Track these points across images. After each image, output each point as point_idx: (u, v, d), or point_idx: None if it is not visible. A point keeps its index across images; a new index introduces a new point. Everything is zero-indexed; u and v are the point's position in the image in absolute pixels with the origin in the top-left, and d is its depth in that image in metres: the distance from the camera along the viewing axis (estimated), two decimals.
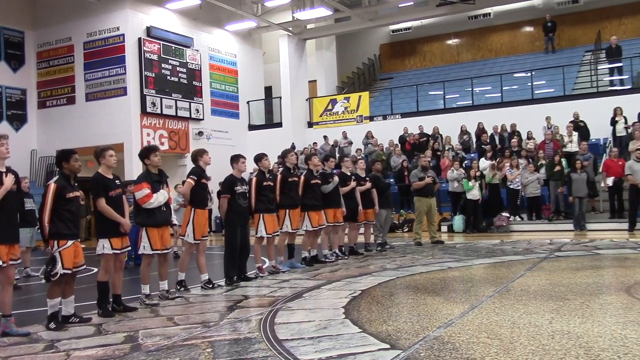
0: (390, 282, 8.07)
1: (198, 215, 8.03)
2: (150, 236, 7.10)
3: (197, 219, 8.01)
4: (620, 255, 10.25)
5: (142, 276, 7.26)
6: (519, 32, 28.76)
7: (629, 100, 18.92)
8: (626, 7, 26.04)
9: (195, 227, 7.98)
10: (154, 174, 7.33)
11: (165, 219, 7.30)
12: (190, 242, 8.05)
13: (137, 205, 7.15)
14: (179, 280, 8.03)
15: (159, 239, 7.16)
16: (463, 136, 20.98)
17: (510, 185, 16.64)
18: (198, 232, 7.99)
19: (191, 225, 7.97)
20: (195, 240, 8.00)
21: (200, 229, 8.03)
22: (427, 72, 29.13)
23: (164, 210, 7.25)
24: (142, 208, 7.10)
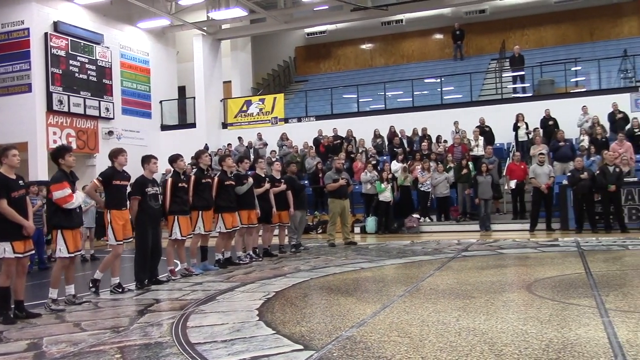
0: (304, 284, 8.12)
1: (115, 217, 7.82)
2: (67, 238, 6.86)
3: (114, 221, 7.80)
4: (522, 254, 10.75)
5: (53, 279, 7.00)
6: (430, 39, 29.64)
7: (530, 107, 19.91)
8: (528, 19, 27.41)
9: (115, 228, 7.78)
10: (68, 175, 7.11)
11: (80, 221, 7.22)
12: (113, 244, 7.87)
13: (54, 205, 6.90)
14: (94, 279, 7.82)
15: (73, 242, 6.95)
16: (376, 139, 21.38)
17: (421, 188, 17.10)
18: (119, 234, 7.81)
19: (110, 227, 7.79)
20: (118, 241, 7.81)
21: (120, 230, 7.82)
22: (342, 75, 29.50)
23: (77, 212, 7.09)
24: (59, 209, 6.85)
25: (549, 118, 19.06)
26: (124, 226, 7.92)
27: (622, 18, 26.03)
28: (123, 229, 7.89)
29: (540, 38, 27.50)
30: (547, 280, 7.51)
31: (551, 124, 18.88)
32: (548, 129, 18.62)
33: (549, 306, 5.87)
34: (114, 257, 7.96)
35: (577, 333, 4.68)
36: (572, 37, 26.86)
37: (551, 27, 27.47)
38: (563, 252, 10.73)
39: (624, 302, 5.92)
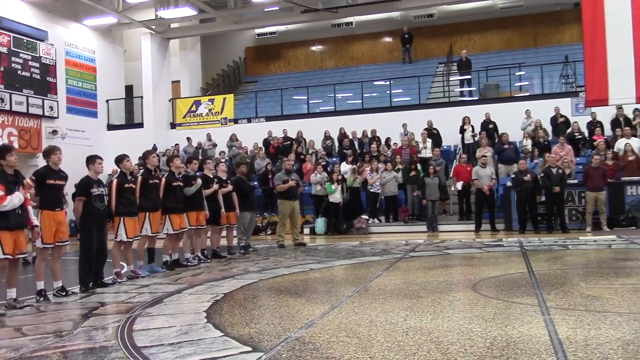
0: (253, 285, 8.09)
1: (45, 218, 7.54)
2: (2, 240, 6.63)
3: (44, 222, 7.52)
4: (467, 254, 10.97)
5: None
6: (379, 42, 29.97)
7: (476, 110, 20.34)
8: (475, 24, 28.02)
9: (43, 230, 7.49)
10: (9, 175, 6.86)
11: (19, 222, 6.87)
12: (39, 247, 7.58)
13: None
14: (39, 290, 7.51)
15: (11, 243, 6.70)
16: (326, 141, 21.48)
17: (371, 189, 17.24)
18: (47, 236, 7.49)
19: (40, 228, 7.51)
20: (44, 244, 7.52)
21: (50, 232, 7.54)
22: (292, 76, 29.53)
23: (18, 213, 6.80)
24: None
25: (489, 121, 19.54)
26: (57, 228, 7.62)
27: (564, 25, 26.87)
28: (56, 232, 7.60)
29: (486, 43, 28.15)
30: (492, 280, 7.69)
31: (491, 127, 19.36)
32: (489, 132, 19.07)
33: (493, 305, 6.01)
34: (40, 262, 7.66)
35: (520, 331, 4.81)
36: (517, 42, 27.60)
37: (497, 32, 28.16)
38: (507, 252, 11.00)
39: (564, 300, 6.11)
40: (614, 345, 4.29)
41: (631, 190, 15.09)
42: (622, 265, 8.93)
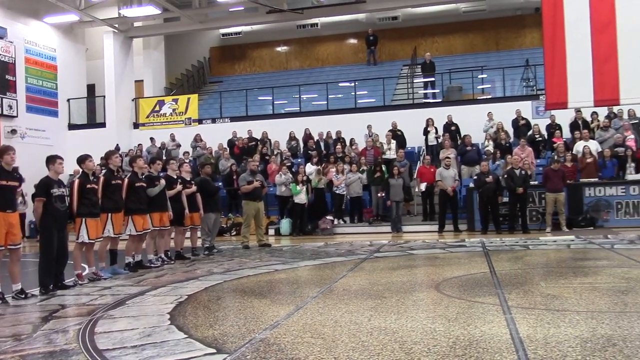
0: (218, 286, 8.04)
1: None
2: None
3: None
4: (431, 254, 11.09)
5: None
6: (344, 44, 30.09)
7: (439, 112, 20.57)
8: (439, 27, 28.35)
9: None
10: None
11: None
12: None
13: None
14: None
15: None
16: (291, 141, 21.47)
17: (337, 191, 17.22)
18: None
19: None
20: None
21: (1, 234, 7.25)
22: (257, 77, 29.45)
23: None
24: None
25: (452, 123, 19.81)
26: (9, 230, 7.37)
27: (525, 29, 27.37)
28: (7, 234, 7.36)
29: (450, 46, 28.50)
30: (455, 280, 7.79)
31: (453, 129, 19.63)
32: (451, 133, 19.32)
33: (456, 304, 6.09)
34: None
35: (482, 330, 4.88)
36: (480, 46, 28.02)
37: (460, 35, 28.53)
38: (469, 252, 11.15)
39: (525, 300, 6.23)
40: (573, 343, 4.39)
41: (589, 191, 15.46)
42: (581, 265, 9.14)
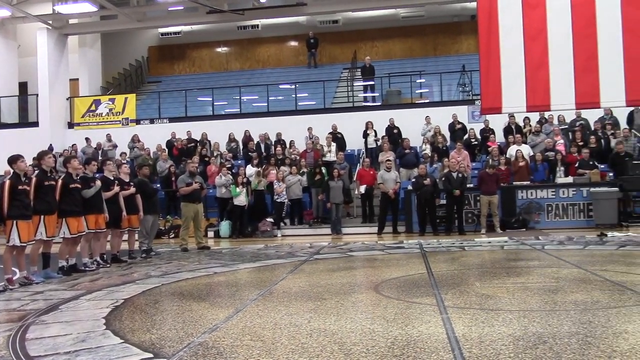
0: (155, 290, 7.91)
1: None
2: None
3: None
4: (370, 256, 11.21)
5: None
6: (285, 46, 30.09)
7: (379, 115, 20.86)
8: (378, 32, 28.71)
9: None
10: None
11: None
12: None
13: None
14: None
15: None
16: (231, 143, 21.33)
17: (277, 199, 17.04)
18: None
19: None
20: None
21: None
22: (197, 77, 29.11)
23: None
24: None
25: (394, 127, 20.12)
26: None
27: (462, 36, 28.03)
28: None
29: (389, 50, 28.91)
30: (393, 281, 7.90)
31: (395, 132, 19.94)
32: (393, 137, 19.62)
33: (395, 305, 6.18)
34: None
35: (419, 330, 4.97)
36: (418, 51, 28.52)
37: (399, 40, 28.97)
38: (407, 253, 11.34)
39: (461, 300, 6.38)
40: (506, 341, 4.53)
41: (522, 194, 15.96)
42: (514, 265, 9.43)
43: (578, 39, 10.15)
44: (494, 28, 10.32)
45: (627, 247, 11.06)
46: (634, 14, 9.95)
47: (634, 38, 9.97)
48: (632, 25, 10.00)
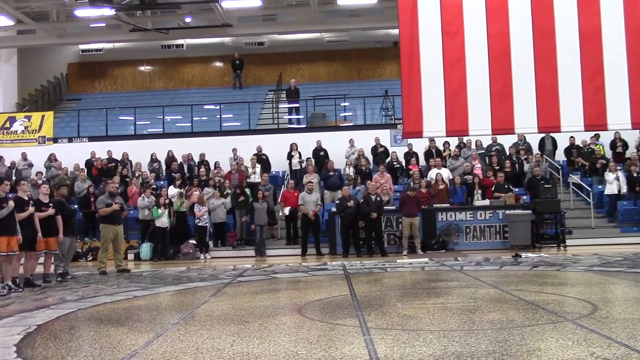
0: (71, 315, 7.61)
1: None
2: None
3: None
4: (294, 278, 11.21)
5: None
6: (210, 66, 29.96)
7: (303, 137, 21.04)
8: (304, 55, 29.07)
9: None
10: None
11: None
12: None
13: None
14: None
15: None
16: (153, 163, 20.93)
17: (199, 223, 16.75)
18: None
19: None
20: None
21: None
22: (118, 96, 28.51)
23: None
24: None
25: (320, 149, 20.32)
26: None
27: (385, 61, 28.73)
28: None
29: (314, 73, 29.28)
30: (317, 303, 7.93)
31: (322, 154, 20.14)
32: (319, 159, 19.81)
33: (318, 327, 6.21)
34: None
35: (342, 351, 5.01)
36: (342, 75, 29.03)
37: (324, 64, 29.41)
38: (331, 275, 11.41)
39: (383, 321, 6.47)
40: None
41: (441, 216, 16.40)
42: (434, 286, 9.66)
43: (494, 67, 10.58)
44: (415, 55, 10.62)
45: (539, 267, 11.53)
46: (544, 45, 10.48)
47: (545, 68, 10.49)
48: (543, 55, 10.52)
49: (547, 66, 10.51)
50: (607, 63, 10.39)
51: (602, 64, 10.39)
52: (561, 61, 10.44)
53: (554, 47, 10.44)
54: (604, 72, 10.41)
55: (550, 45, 10.46)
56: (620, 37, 10.39)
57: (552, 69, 10.48)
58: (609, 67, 10.38)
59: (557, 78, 10.48)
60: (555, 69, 10.46)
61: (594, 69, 10.35)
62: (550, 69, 10.50)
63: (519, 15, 10.54)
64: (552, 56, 10.44)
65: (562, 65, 10.44)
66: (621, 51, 10.39)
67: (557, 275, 10.33)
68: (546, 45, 10.52)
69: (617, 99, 10.37)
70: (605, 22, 10.40)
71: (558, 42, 10.47)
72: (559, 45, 10.46)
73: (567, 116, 10.47)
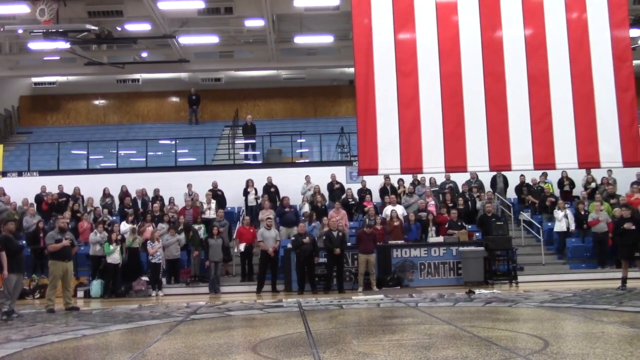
0: (16, 355, 7.35)
1: None
2: None
3: None
4: (249, 315, 11.08)
5: None
6: (166, 101, 29.83)
7: (259, 173, 21.01)
8: (261, 91, 29.26)
9: None
10: None
11: None
12: None
13: None
14: None
15: None
16: (105, 199, 20.56)
17: (152, 260, 16.43)
18: None
19: None
20: None
21: None
22: (71, 130, 28.06)
23: None
24: None
25: (271, 185, 20.34)
26: None
27: (341, 99, 29.10)
28: None
29: (271, 110, 29.46)
30: (272, 340, 7.85)
31: (273, 190, 20.15)
32: (270, 195, 19.79)
33: None
34: None
35: None
36: (299, 111, 29.28)
37: (281, 100, 29.63)
38: (286, 312, 11.32)
39: (338, 358, 6.44)
40: None
41: (396, 252, 16.52)
42: (389, 323, 9.68)
43: (447, 107, 10.85)
44: (370, 93, 10.81)
45: (492, 303, 11.69)
46: (495, 87, 10.84)
47: (496, 108, 10.82)
48: (493, 96, 10.86)
49: (497, 107, 10.85)
50: (555, 105, 10.80)
51: (550, 106, 10.80)
52: (511, 102, 10.81)
53: (504, 89, 10.81)
54: (552, 113, 10.81)
55: (501, 87, 10.83)
56: (567, 80, 10.84)
57: (502, 110, 10.82)
58: (556, 108, 10.79)
59: (508, 118, 10.82)
60: (506, 109, 10.81)
61: (542, 111, 10.73)
62: (500, 109, 10.83)
63: (470, 57, 10.89)
64: (502, 97, 10.80)
65: (512, 106, 10.81)
66: (568, 94, 10.82)
67: (510, 312, 10.49)
68: (496, 86, 10.88)
69: (564, 139, 10.76)
70: (552, 65, 10.84)
71: (508, 84, 10.85)
72: (509, 87, 10.84)
73: (517, 155, 10.79)
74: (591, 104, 10.80)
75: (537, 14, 11.03)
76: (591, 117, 10.80)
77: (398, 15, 10.86)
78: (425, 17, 10.92)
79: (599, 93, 10.83)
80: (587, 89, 10.85)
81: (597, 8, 11.04)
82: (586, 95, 10.82)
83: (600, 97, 10.82)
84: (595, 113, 10.80)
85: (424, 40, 10.87)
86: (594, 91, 10.84)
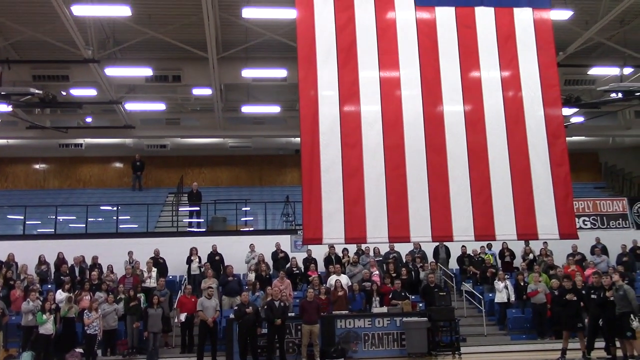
0: None
1: None
2: None
3: None
4: None
5: None
6: (109, 167, 29.43)
7: (203, 241, 20.70)
8: (206, 159, 29.29)
9: None
10: None
11: None
12: None
13: None
14: None
15: None
16: (41, 266, 19.81)
17: (88, 331, 15.72)
18: None
19: None
20: None
21: None
22: (8, 194, 27.26)
23: None
24: None
25: (216, 253, 20.06)
26: None
27: (286, 168, 29.35)
28: None
29: (216, 178, 29.41)
30: None
31: (217, 259, 19.86)
32: (214, 263, 19.50)
33: None
34: None
35: None
36: (244, 180, 29.34)
37: (226, 168, 29.67)
38: None
39: None
40: None
41: (340, 323, 16.34)
42: None
43: (390, 178, 11.11)
44: (315, 163, 10.98)
45: None
46: (436, 159, 11.20)
47: (438, 180, 11.14)
48: (435, 168, 11.20)
49: (439, 179, 11.17)
50: (494, 178, 11.20)
51: (489, 179, 11.20)
52: (452, 174, 11.17)
53: (445, 161, 11.18)
54: (491, 186, 11.20)
55: (442, 160, 11.20)
56: (504, 155, 11.30)
57: (444, 182, 11.15)
58: (495, 181, 11.19)
59: (449, 190, 11.15)
60: (447, 181, 11.15)
61: (481, 183, 11.11)
62: (442, 181, 11.16)
63: (413, 130, 11.27)
64: (443, 169, 11.15)
65: (453, 178, 11.15)
66: (506, 167, 11.27)
67: None
68: (438, 159, 11.24)
69: (503, 211, 11.12)
70: (490, 140, 11.31)
71: (449, 156, 11.24)
72: (450, 159, 11.22)
73: (459, 226, 11.06)
74: (528, 178, 11.27)
75: (475, 91, 11.58)
76: (528, 190, 11.24)
77: (343, 89, 11.22)
78: (370, 91, 11.31)
79: (535, 167, 11.33)
80: (523, 164, 11.33)
81: (531, 87, 11.69)
82: (523, 169, 11.29)
83: (536, 172, 11.30)
84: (532, 186, 11.26)
85: (368, 113, 11.22)
86: (530, 165, 11.34)
